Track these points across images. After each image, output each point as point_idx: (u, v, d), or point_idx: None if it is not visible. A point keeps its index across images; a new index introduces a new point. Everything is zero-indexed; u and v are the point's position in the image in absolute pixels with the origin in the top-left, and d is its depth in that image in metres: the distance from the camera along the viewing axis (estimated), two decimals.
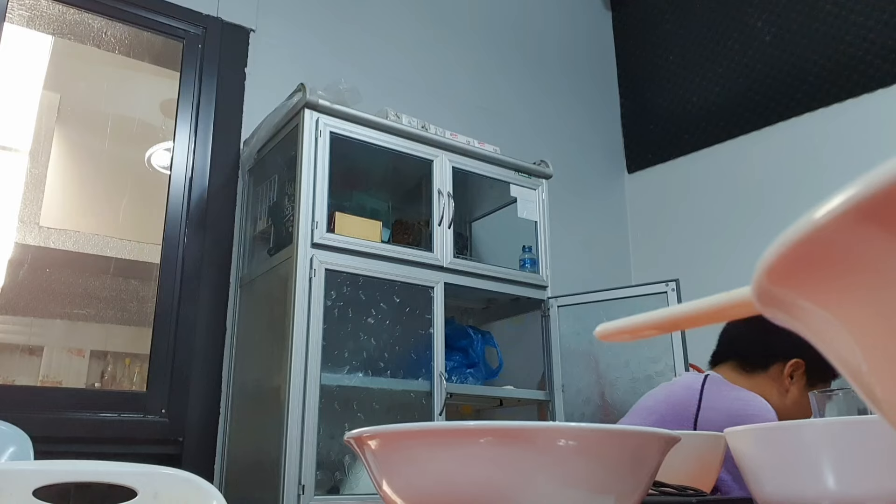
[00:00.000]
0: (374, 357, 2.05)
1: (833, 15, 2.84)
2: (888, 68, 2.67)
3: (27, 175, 2.57)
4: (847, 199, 0.13)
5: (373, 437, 0.49)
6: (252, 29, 2.53)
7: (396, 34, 2.91)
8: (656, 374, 2.21)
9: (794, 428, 0.58)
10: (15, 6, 2.24)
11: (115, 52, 2.49)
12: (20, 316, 2.50)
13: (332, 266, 1.96)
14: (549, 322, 2.39)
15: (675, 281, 2.23)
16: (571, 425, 0.46)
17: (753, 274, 0.17)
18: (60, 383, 2.50)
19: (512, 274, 2.34)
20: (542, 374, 2.41)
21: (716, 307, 0.25)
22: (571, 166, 3.19)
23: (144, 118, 2.83)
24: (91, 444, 1.92)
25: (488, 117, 3.03)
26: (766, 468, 0.60)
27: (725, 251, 2.99)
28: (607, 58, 3.71)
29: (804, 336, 0.18)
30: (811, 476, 0.55)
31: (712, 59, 3.25)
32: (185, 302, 2.19)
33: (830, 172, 2.70)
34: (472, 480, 0.45)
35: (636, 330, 0.28)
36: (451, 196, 2.24)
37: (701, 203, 3.21)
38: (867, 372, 0.16)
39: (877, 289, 0.14)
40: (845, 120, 2.77)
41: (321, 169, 2.01)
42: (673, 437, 0.50)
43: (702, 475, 0.86)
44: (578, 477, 0.45)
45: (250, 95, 2.46)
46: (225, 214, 2.33)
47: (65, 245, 2.54)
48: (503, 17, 3.29)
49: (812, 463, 0.55)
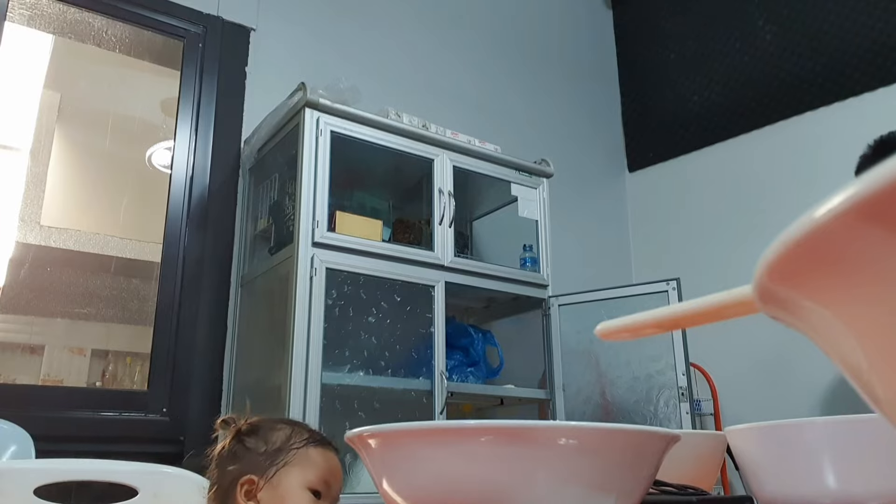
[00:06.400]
0: (375, 356, 2.05)
1: (833, 14, 2.84)
2: (889, 67, 2.67)
3: (28, 174, 2.57)
4: (847, 198, 0.13)
5: (373, 435, 0.49)
6: (253, 28, 2.53)
7: (397, 33, 2.91)
8: (657, 373, 2.21)
9: (795, 427, 0.58)
10: (15, 5, 2.24)
11: (115, 51, 2.49)
12: (21, 315, 2.50)
13: (333, 265, 1.96)
14: (549, 321, 2.39)
15: (675, 280, 2.23)
16: (572, 424, 0.46)
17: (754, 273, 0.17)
18: (61, 382, 2.50)
19: (513, 273, 2.34)
20: (542, 373, 2.41)
21: (716, 306, 0.25)
22: (572, 165, 3.19)
23: (145, 117, 2.83)
24: (92, 443, 1.92)
25: (489, 116, 3.02)
26: (766, 467, 0.60)
27: (726, 250, 2.99)
28: (608, 57, 3.71)
29: (805, 335, 0.18)
30: (812, 475, 0.55)
31: (713, 58, 3.25)
32: (186, 301, 2.19)
33: (831, 172, 2.70)
34: (473, 479, 0.45)
35: (637, 328, 0.28)
36: (451, 195, 2.24)
37: (702, 202, 3.21)
38: (868, 370, 0.16)
39: (877, 287, 0.14)
40: (846, 119, 2.77)
41: (322, 168, 2.01)
42: (673, 436, 0.50)
43: (702, 474, 0.86)
44: (579, 476, 0.45)
45: (251, 94, 2.46)
46: (226, 213, 2.33)
47: (66, 244, 2.54)
48: (504, 16, 3.29)
49: (813, 462, 0.55)
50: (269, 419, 1.02)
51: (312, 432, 0.99)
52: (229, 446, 0.98)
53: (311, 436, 0.98)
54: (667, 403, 2.16)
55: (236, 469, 0.95)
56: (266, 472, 0.93)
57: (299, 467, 0.94)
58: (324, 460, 0.97)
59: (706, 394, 2.84)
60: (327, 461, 0.97)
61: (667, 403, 2.16)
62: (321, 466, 0.95)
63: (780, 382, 2.72)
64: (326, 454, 0.98)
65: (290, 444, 0.96)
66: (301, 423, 1.04)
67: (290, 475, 0.93)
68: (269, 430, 0.98)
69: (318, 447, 0.97)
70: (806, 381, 2.63)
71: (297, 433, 0.98)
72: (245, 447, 0.97)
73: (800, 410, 2.60)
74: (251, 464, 0.95)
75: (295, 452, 0.95)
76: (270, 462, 0.94)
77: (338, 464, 1.00)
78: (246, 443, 0.97)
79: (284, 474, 0.93)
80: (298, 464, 0.94)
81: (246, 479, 0.93)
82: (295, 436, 0.97)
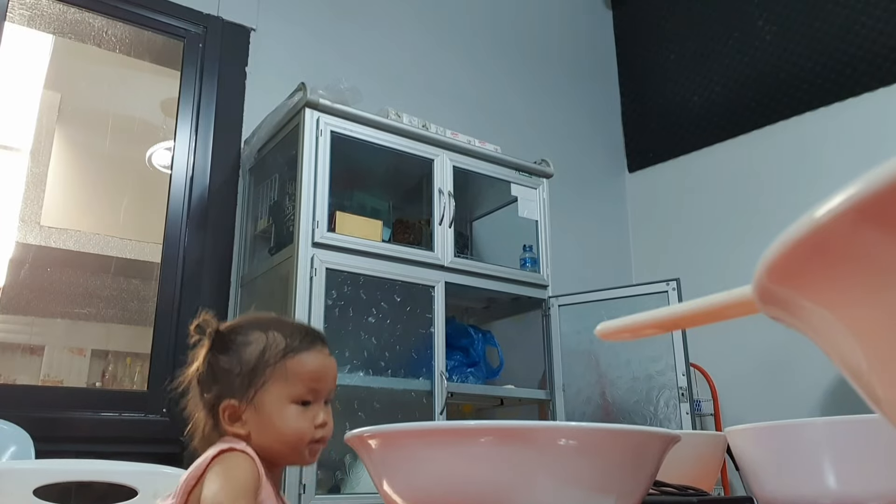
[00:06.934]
0: (375, 356, 2.05)
1: (833, 14, 2.84)
2: (889, 67, 2.67)
3: (28, 174, 2.57)
4: (847, 199, 0.13)
5: (373, 436, 0.49)
6: (253, 28, 2.53)
7: (397, 33, 2.91)
8: (657, 374, 2.21)
9: (795, 427, 0.58)
10: (16, 5, 2.24)
11: (115, 51, 2.49)
12: (21, 315, 2.50)
13: (333, 265, 1.96)
14: (549, 321, 2.39)
15: (675, 280, 2.23)
16: (572, 425, 0.46)
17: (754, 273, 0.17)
18: (61, 382, 2.50)
19: (513, 273, 2.34)
20: (542, 374, 2.41)
21: (716, 306, 0.25)
22: (572, 165, 3.19)
23: (145, 117, 2.83)
24: (92, 444, 1.92)
25: (489, 116, 3.02)
26: (766, 467, 0.60)
27: (726, 250, 2.99)
28: (608, 57, 3.71)
29: (805, 336, 0.18)
30: (812, 475, 0.55)
31: (713, 58, 3.25)
32: (186, 301, 2.19)
33: (831, 172, 2.70)
34: (473, 479, 0.45)
35: (637, 329, 0.28)
36: (451, 195, 2.24)
37: (702, 202, 3.21)
38: (868, 370, 0.16)
39: (877, 287, 0.14)
40: (846, 119, 2.77)
41: (322, 168, 2.01)
42: (673, 437, 0.50)
43: (702, 474, 0.86)
44: (579, 476, 0.45)
45: (251, 95, 2.46)
46: (226, 214, 2.33)
47: (66, 244, 2.54)
48: (504, 16, 3.29)
49: (813, 462, 0.55)
50: (244, 324, 0.91)
51: (289, 338, 0.88)
52: (204, 367, 0.88)
53: (288, 343, 0.88)
54: (667, 404, 2.16)
55: (214, 395, 0.86)
56: (245, 394, 0.85)
57: (280, 383, 0.86)
58: (306, 367, 0.88)
59: (706, 394, 2.84)
60: (311, 366, 0.88)
61: (667, 404, 2.16)
62: (304, 376, 0.87)
63: (780, 383, 2.72)
64: (308, 358, 0.88)
65: (266, 361, 0.86)
66: (279, 322, 0.92)
67: (270, 394, 0.85)
68: (242, 344, 0.88)
69: (297, 354, 0.87)
70: (806, 381, 2.63)
71: (271, 344, 0.87)
72: (221, 367, 0.87)
73: (800, 411, 2.60)
74: (229, 387, 0.86)
75: (272, 369, 0.86)
76: (248, 383, 0.85)
77: (324, 362, 0.91)
78: (221, 362, 0.88)
79: (265, 394, 0.85)
80: (278, 380, 0.86)
81: (226, 405, 0.85)
82: (269, 349, 0.87)
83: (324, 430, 0.88)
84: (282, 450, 0.85)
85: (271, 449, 0.85)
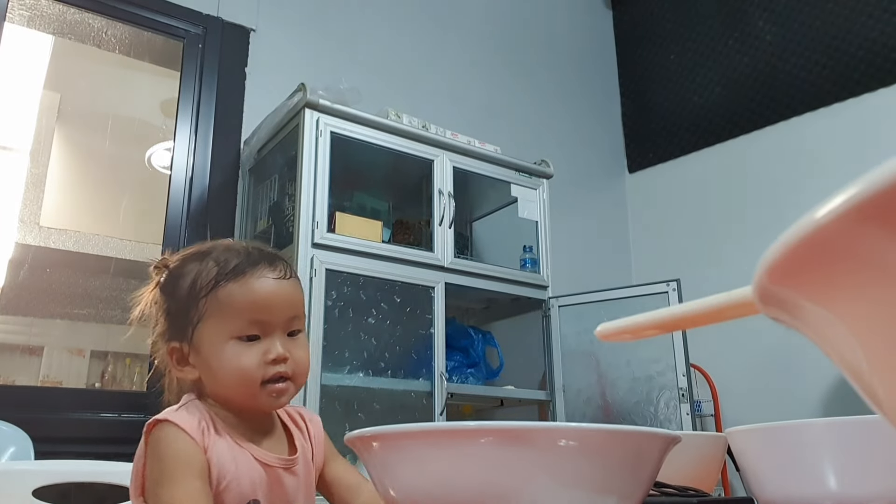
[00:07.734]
0: (375, 357, 2.05)
1: (833, 15, 2.84)
2: (889, 68, 2.67)
3: (27, 175, 2.57)
4: (848, 199, 0.13)
5: (374, 437, 0.49)
6: (252, 29, 2.53)
7: (397, 34, 2.91)
8: (657, 374, 2.21)
9: (795, 428, 0.58)
10: (15, 6, 2.24)
11: (115, 51, 2.49)
12: (21, 316, 2.50)
13: (333, 266, 1.96)
14: (549, 322, 2.39)
15: (675, 281, 2.23)
16: (572, 425, 0.46)
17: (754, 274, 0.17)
18: (61, 383, 2.50)
19: (513, 274, 2.34)
20: (542, 374, 2.41)
21: (717, 307, 0.25)
22: (572, 166, 3.19)
23: (145, 118, 2.83)
24: (91, 445, 1.92)
25: (489, 117, 3.02)
26: (767, 468, 0.60)
27: (726, 251, 2.99)
28: (608, 57, 3.71)
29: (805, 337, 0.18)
30: (812, 476, 0.55)
31: (713, 58, 3.25)
32: None
33: (830, 172, 2.70)
34: (473, 481, 0.45)
35: (637, 330, 0.28)
36: (451, 196, 2.24)
37: (702, 202, 3.21)
38: (868, 371, 0.16)
39: (878, 288, 0.14)
40: (846, 119, 2.77)
41: (321, 169, 2.01)
42: (674, 438, 0.50)
43: (703, 475, 0.86)
44: (579, 477, 0.45)
45: (250, 95, 2.46)
46: (225, 214, 2.33)
47: (65, 245, 2.54)
48: (504, 17, 3.29)
49: (813, 463, 0.55)
50: (188, 255, 0.80)
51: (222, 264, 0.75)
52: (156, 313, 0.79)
53: (220, 271, 0.75)
54: (667, 404, 2.16)
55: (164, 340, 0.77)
56: (184, 334, 0.74)
57: (215, 318, 0.73)
58: (243, 296, 0.74)
59: (706, 395, 2.84)
60: (249, 295, 0.74)
61: (667, 404, 2.16)
62: (240, 307, 0.73)
63: (780, 383, 2.72)
64: (244, 286, 0.74)
65: (197, 293, 0.74)
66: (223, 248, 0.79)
67: (207, 331, 0.73)
68: (177, 277, 0.77)
69: (228, 282, 0.74)
70: (806, 382, 2.63)
71: (201, 274, 0.75)
72: (162, 307, 0.78)
73: (800, 411, 2.60)
74: (173, 327, 0.76)
75: (204, 302, 0.74)
76: (185, 321, 0.74)
77: (270, 287, 0.75)
78: (166, 301, 0.78)
79: (201, 332, 0.74)
80: (213, 314, 0.73)
81: (171, 348, 0.75)
82: (199, 279, 0.75)
83: (282, 365, 0.73)
84: (233, 394, 0.74)
85: (225, 394, 0.74)
